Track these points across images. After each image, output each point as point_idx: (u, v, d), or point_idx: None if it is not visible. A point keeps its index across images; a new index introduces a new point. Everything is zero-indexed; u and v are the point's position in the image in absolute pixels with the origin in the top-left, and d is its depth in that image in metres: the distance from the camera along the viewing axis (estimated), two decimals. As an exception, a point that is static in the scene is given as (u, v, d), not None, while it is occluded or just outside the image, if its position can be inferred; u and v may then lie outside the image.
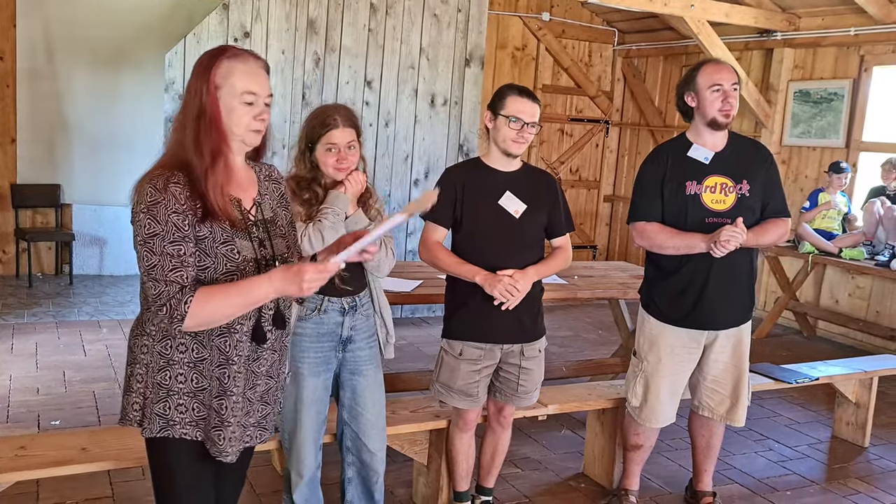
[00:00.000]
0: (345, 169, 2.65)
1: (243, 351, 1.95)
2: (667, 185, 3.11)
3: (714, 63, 3.14)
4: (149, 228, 1.81)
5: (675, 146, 3.20)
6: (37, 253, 7.31)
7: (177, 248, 1.82)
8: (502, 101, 2.87)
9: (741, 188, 3.10)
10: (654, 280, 3.26)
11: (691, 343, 3.21)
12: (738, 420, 3.31)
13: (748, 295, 3.26)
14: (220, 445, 1.94)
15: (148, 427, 1.94)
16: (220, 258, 1.88)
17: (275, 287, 1.83)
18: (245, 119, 1.91)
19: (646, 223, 3.14)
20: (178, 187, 1.83)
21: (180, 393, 1.92)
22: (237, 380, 1.94)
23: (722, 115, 3.05)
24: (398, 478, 3.62)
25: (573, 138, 9.16)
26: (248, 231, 1.95)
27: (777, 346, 6.60)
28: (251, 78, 1.91)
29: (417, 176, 6.66)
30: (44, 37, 7.15)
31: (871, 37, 6.60)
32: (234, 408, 1.94)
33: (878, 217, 6.13)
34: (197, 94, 1.88)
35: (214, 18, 5.80)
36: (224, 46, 1.97)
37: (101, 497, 3.33)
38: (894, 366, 4.51)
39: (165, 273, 1.80)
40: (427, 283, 3.96)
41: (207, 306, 1.81)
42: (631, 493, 3.50)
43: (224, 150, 1.91)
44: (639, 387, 3.29)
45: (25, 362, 5.00)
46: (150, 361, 1.92)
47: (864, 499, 3.83)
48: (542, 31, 8.62)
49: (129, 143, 7.35)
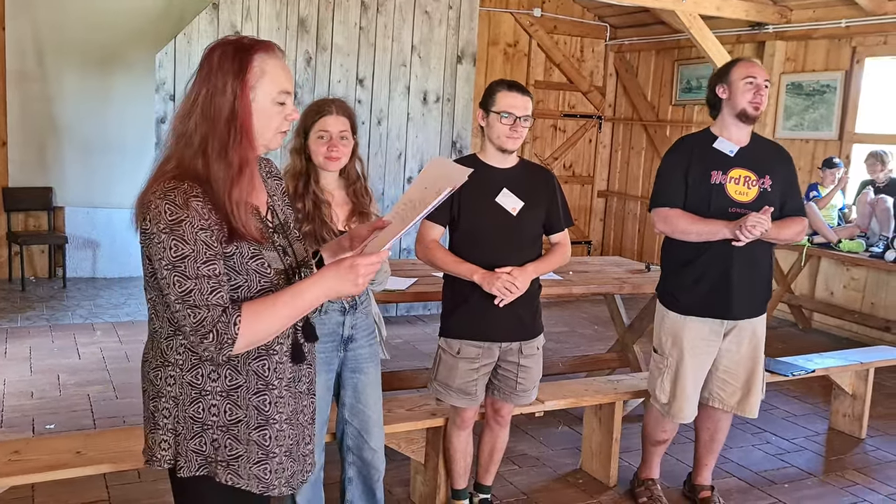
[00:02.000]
0: (335, 158, 2.63)
1: (283, 373, 1.75)
2: (691, 173, 3.15)
3: (749, 60, 3.22)
4: (176, 251, 1.58)
5: (700, 138, 3.26)
6: (29, 256, 7.28)
7: (212, 268, 1.61)
8: (493, 97, 2.86)
9: (763, 182, 3.15)
10: (673, 272, 3.28)
11: (711, 336, 3.22)
12: (751, 411, 3.32)
13: (766, 286, 3.30)
14: (265, 480, 1.74)
15: (185, 466, 1.72)
16: (252, 275, 1.68)
17: (326, 288, 1.66)
18: (276, 121, 1.71)
19: (669, 209, 3.17)
20: (199, 201, 1.60)
21: (214, 427, 1.71)
22: (279, 405, 1.74)
23: (752, 106, 3.10)
24: (395, 476, 3.61)
25: (566, 134, 9.16)
26: (271, 241, 1.76)
27: (773, 339, 6.56)
28: (285, 73, 1.71)
29: (411, 174, 6.65)
30: (33, 39, 7.10)
31: (863, 28, 6.61)
32: (277, 436, 1.75)
33: (871, 208, 6.15)
34: (225, 96, 1.64)
35: (205, 18, 5.78)
36: (245, 38, 1.72)
37: (97, 501, 3.31)
38: (890, 357, 4.53)
39: (205, 297, 1.59)
40: (422, 280, 3.95)
41: (258, 324, 1.62)
42: (656, 483, 3.55)
43: (251, 158, 1.69)
44: (666, 383, 3.28)
45: (19, 366, 4.97)
46: (180, 394, 1.70)
47: (862, 490, 3.83)
48: (534, 27, 8.62)
49: (121, 144, 7.31)
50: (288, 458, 1.78)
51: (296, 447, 1.81)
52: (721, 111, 3.19)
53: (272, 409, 1.74)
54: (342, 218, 2.69)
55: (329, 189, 2.70)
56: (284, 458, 1.77)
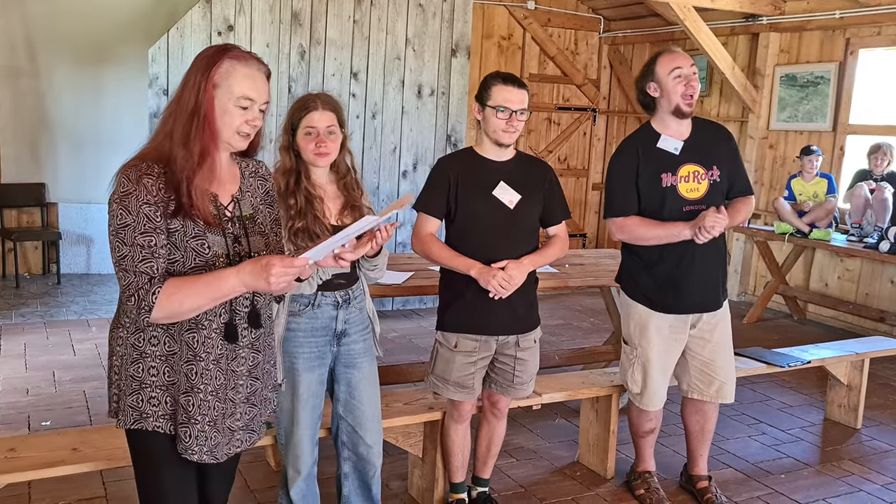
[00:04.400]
0: (324, 154, 2.61)
1: (213, 348, 1.91)
2: (641, 177, 3.13)
3: (669, 51, 3.16)
4: (120, 219, 1.81)
5: (643, 137, 3.22)
6: (23, 253, 7.25)
7: (147, 240, 1.80)
8: (488, 91, 2.85)
9: (712, 174, 3.16)
10: (637, 270, 3.28)
11: (678, 324, 3.25)
12: (728, 396, 3.35)
13: (722, 276, 3.32)
14: (185, 442, 1.91)
15: (122, 419, 1.93)
16: (189, 252, 1.86)
17: (242, 280, 1.80)
18: (236, 122, 1.88)
19: (623, 218, 3.17)
20: (151, 179, 1.81)
21: (153, 386, 1.90)
22: (205, 377, 1.90)
23: (685, 102, 3.08)
24: (393, 470, 3.61)
25: (561, 127, 9.15)
26: (221, 227, 1.92)
27: (768, 331, 6.62)
28: (250, 82, 1.88)
29: (405, 168, 6.64)
30: (24, 34, 7.06)
31: (857, 19, 6.61)
32: (201, 405, 1.91)
33: (864, 200, 6.15)
34: (194, 89, 1.85)
35: (197, 12, 5.75)
36: (230, 45, 1.94)
37: (93, 497, 3.31)
38: (885, 347, 4.54)
39: (135, 264, 1.79)
40: (418, 274, 3.94)
41: (174, 298, 1.79)
42: (653, 475, 3.55)
43: (212, 149, 1.89)
44: (637, 374, 3.31)
45: (14, 363, 4.95)
46: (125, 353, 1.92)
47: (858, 480, 3.85)
48: (528, 20, 8.59)
49: (114, 139, 7.27)
50: (212, 428, 1.93)
51: (221, 419, 1.95)
52: (657, 109, 3.16)
53: (197, 379, 1.90)
54: (334, 212, 2.68)
55: (320, 184, 2.68)
56: (208, 428, 1.92)
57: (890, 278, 6.47)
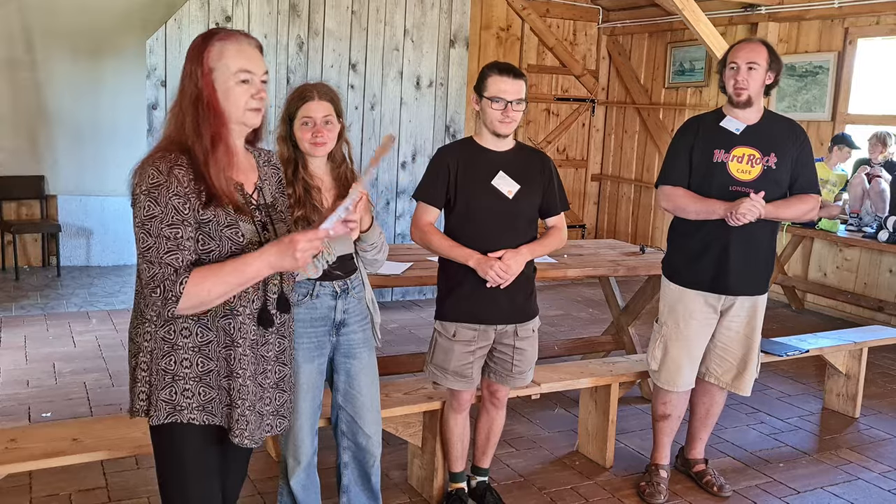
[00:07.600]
0: (320, 144, 2.61)
1: (248, 334, 1.94)
2: (696, 152, 3.23)
3: (740, 42, 3.23)
4: (147, 210, 1.80)
5: (709, 116, 3.34)
6: (23, 245, 7.25)
7: (174, 231, 1.80)
8: (484, 82, 2.86)
9: (768, 160, 3.17)
10: (675, 245, 3.37)
11: (707, 308, 3.29)
12: (744, 389, 3.40)
13: (767, 266, 3.33)
14: (234, 428, 1.93)
15: (155, 415, 1.91)
16: (224, 241, 1.87)
17: (268, 261, 1.82)
18: (242, 98, 1.89)
19: (672, 187, 3.26)
20: (181, 170, 1.82)
21: (186, 378, 1.90)
22: (243, 362, 1.93)
23: (735, 91, 3.16)
24: (393, 460, 3.62)
25: (559, 118, 9.14)
26: (251, 215, 1.94)
27: (766, 320, 6.52)
28: (244, 56, 1.90)
29: (405, 158, 6.63)
30: (21, 26, 7.04)
31: (855, 9, 6.60)
32: (241, 390, 1.93)
33: (864, 190, 6.16)
34: (192, 79, 1.87)
35: (195, 4, 5.73)
36: (214, 29, 1.95)
37: (94, 488, 3.32)
38: (883, 336, 4.55)
39: (161, 255, 1.79)
40: (417, 265, 3.95)
41: (203, 287, 1.79)
42: (662, 469, 3.53)
43: (224, 133, 1.89)
44: (658, 350, 3.39)
45: (15, 355, 4.96)
46: (154, 348, 1.90)
47: (856, 468, 3.86)
48: (527, 11, 8.57)
49: (112, 131, 7.27)
50: (251, 412, 1.96)
51: (259, 403, 1.99)
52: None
53: (236, 364, 1.92)
54: (332, 201, 2.68)
55: (318, 174, 2.68)
56: (248, 412, 1.94)
57: (888, 268, 6.48)
